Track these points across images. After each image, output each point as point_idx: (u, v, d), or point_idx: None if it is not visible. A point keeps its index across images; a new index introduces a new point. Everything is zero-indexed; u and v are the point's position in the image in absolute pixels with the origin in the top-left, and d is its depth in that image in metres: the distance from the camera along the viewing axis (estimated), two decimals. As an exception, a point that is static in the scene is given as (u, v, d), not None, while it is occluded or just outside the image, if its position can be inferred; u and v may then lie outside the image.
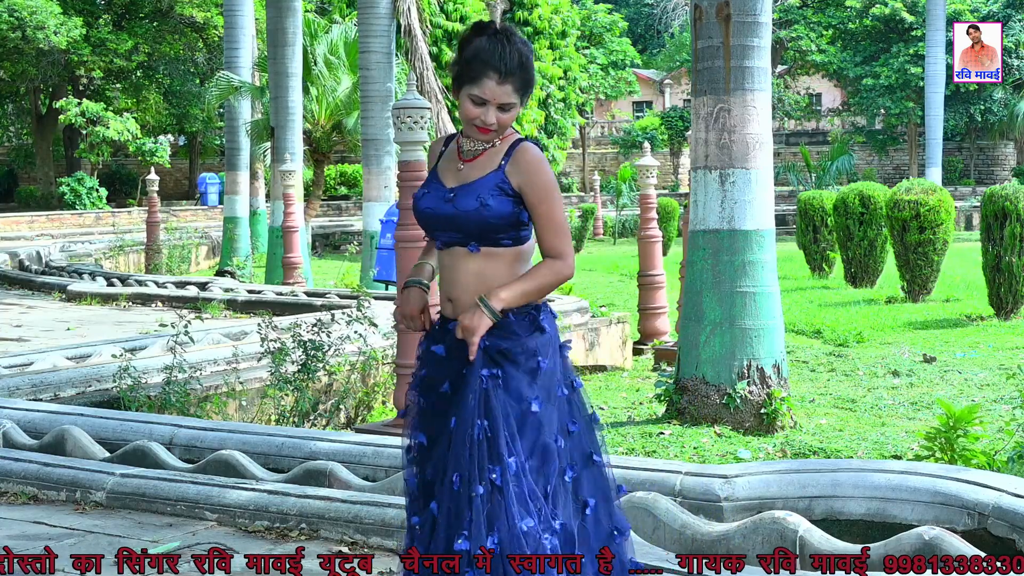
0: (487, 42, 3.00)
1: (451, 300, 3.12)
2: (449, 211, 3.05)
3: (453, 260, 3.10)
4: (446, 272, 3.13)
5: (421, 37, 18.56)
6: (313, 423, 7.77)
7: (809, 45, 42.97)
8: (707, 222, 7.48)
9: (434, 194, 3.10)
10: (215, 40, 35.31)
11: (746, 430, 7.30)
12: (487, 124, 3.02)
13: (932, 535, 3.76)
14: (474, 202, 3.01)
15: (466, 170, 3.08)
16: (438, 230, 3.10)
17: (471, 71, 3.00)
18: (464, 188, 3.05)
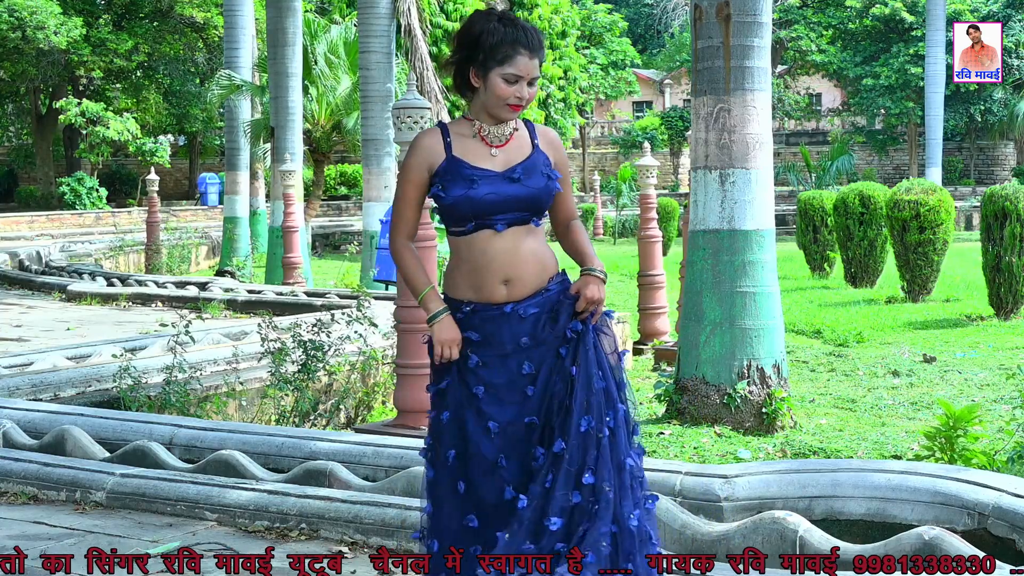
0: (504, 25, 3.15)
1: (507, 282, 3.16)
2: (519, 191, 3.15)
3: (513, 241, 3.16)
4: (502, 256, 3.16)
5: (421, 37, 18.56)
6: (313, 423, 7.77)
7: (809, 45, 42.97)
8: (707, 222, 7.48)
9: (487, 180, 3.15)
10: (215, 40, 35.30)
11: (746, 430, 7.30)
12: (522, 99, 3.16)
13: (932, 535, 3.76)
14: (542, 179, 3.19)
15: (502, 155, 3.19)
16: (499, 213, 3.15)
17: (499, 53, 3.13)
18: (524, 168, 3.18)
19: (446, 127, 3.23)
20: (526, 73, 3.14)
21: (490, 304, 3.15)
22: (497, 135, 3.19)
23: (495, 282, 3.15)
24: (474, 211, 3.13)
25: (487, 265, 3.15)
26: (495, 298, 3.15)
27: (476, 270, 3.16)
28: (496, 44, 3.12)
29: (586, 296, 3.16)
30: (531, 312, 3.15)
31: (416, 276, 3.24)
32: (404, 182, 3.23)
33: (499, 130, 3.20)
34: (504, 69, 3.13)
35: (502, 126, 3.20)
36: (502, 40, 3.13)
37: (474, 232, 3.15)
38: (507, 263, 3.15)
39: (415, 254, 3.27)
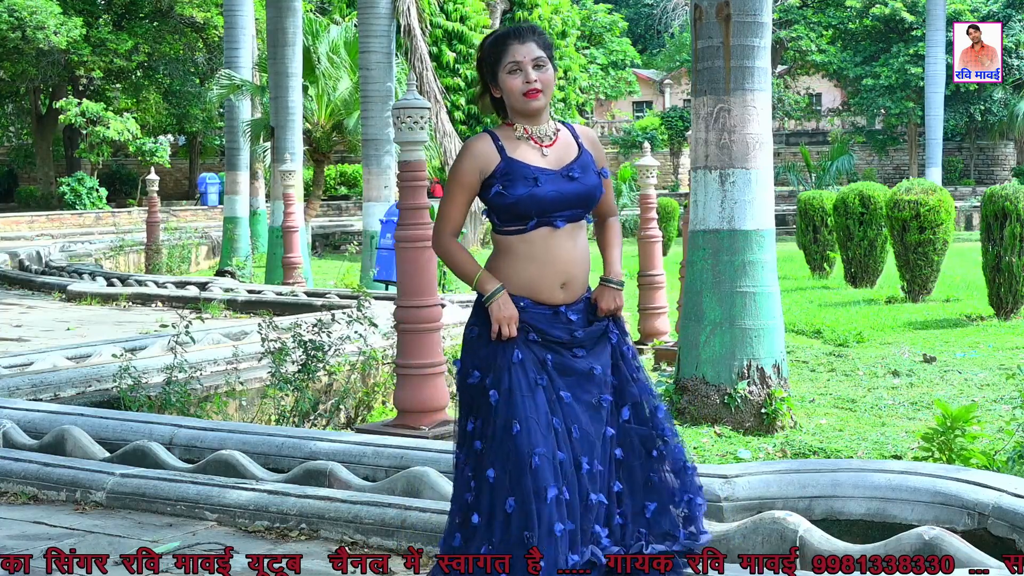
0: (495, 36, 3.33)
1: (564, 285, 3.29)
2: (578, 188, 3.28)
3: (571, 239, 3.29)
4: (563, 255, 3.27)
5: (421, 37, 18.56)
6: (313, 423, 7.77)
7: (809, 45, 42.95)
8: (707, 222, 7.48)
9: (548, 178, 3.25)
10: (215, 40, 35.29)
11: (746, 430, 7.30)
12: (530, 82, 3.24)
13: (932, 535, 3.76)
14: (595, 177, 3.33)
15: (553, 154, 3.31)
16: (559, 210, 3.26)
17: (494, 56, 3.28)
18: (578, 166, 3.30)
19: (494, 133, 3.32)
20: (522, 57, 3.24)
21: (544, 304, 3.27)
22: (543, 135, 3.31)
23: (555, 283, 3.28)
24: (539, 209, 3.23)
25: (548, 264, 3.26)
26: (553, 300, 3.28)
27: (534, 268, 3.26)
28: (491, 52, 3.30)
29: (601, 307, 3.35)
30: (575, 318, 3.31)
31: (467, 264, 3.35)
32: (454, 184, 3.32)
33: (544, 130, 3.31)
34: (504, 64, 3.26)
35: (544, 126, 3.31)
36: (493, 45, 3.31)
37: (534, 230, 3.26)
38: (567, 261, 3.27)
39: (462, 246, 3.40)
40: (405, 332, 6.72)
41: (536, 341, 3.25)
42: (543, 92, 3.26)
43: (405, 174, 6.77)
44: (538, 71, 3.25)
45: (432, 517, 4.36)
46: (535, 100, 3.25)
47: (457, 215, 3.36)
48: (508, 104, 3.31)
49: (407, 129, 6.81)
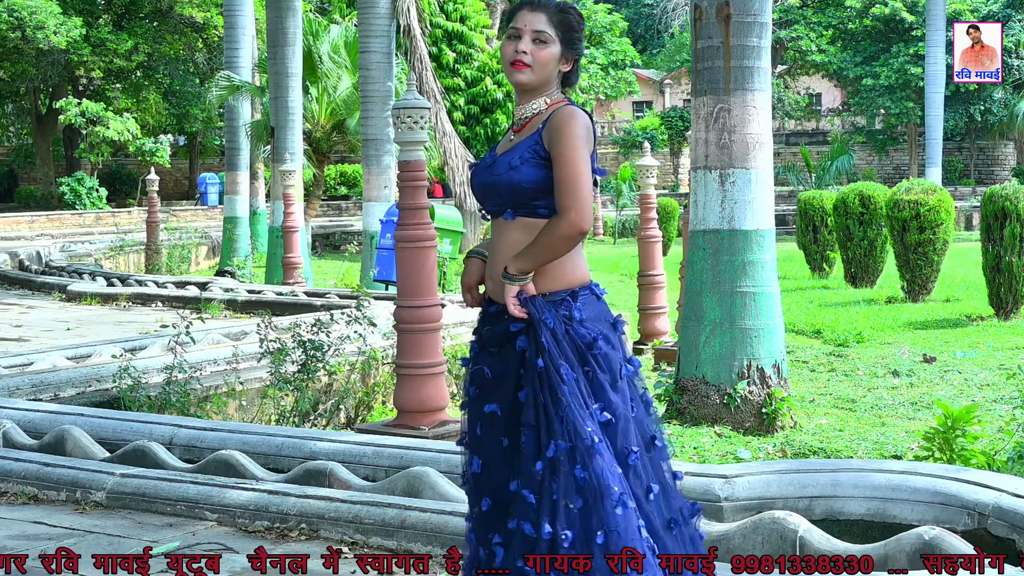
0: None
1: (491, 278, 3.13)
2: (488, 178, 3.07)
3: (496, 232, 3.11)
4: (496, 248, 3.10)
5: (420, 37, 18.57)
6: (313, 423, 7.77)
7: (809, 45, 42.96)
8: (707, 222, 7.48)
9: (484, 166, 3.12)
10: (215, 40, 35.29)
11: (746, 430, 7.30)
12: (519, 53, 3.01)
13: (932, 535, 3.76)
14: (505, 167, 3.03)
15: (516, 139, 3.08)
16: (485, 199, 3.12)
17: (506, 21, 3.11)
18: (504, 155, 3.06)
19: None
20: (524, 24, 3.02)
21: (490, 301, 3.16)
22: (519, 119, 3.11)
23: (494, 277, 3.10)
24: (478, 198, 3.14)
25: (492, 257, 3.12)
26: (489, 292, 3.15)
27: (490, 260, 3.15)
28: (507, 17, 3.13)
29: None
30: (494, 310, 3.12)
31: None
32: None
33: (520, 111, 3.10)
34: (507, 31, 3.08)
35: (523, 107, 3.09)
36: (509, 14, 3.11)
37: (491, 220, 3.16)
38: (492, 256, 3.11)
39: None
40: (405, 332, 6.72)
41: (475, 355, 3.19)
42: (531, 67, 3.01)
43: (405, 174, 6.77)
44: (535, 45, 3.01)
45: (432, 517, 4.36)
46: (519, 71, 3.01)
47: None
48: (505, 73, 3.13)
49: (407, 129, 6.81)
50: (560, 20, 3.04)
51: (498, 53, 28.12)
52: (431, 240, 6.70)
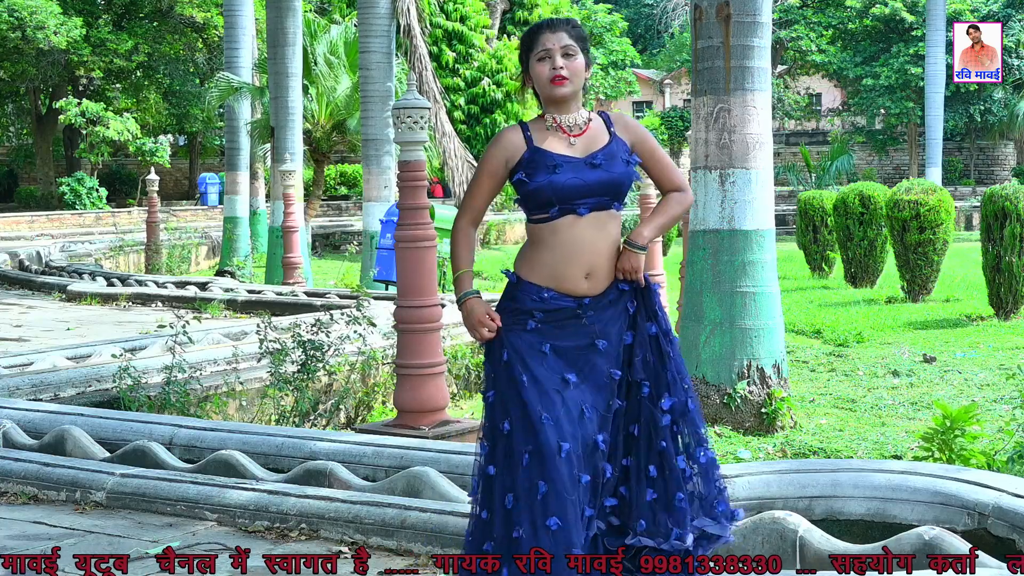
0: (532, 24, 3.43)
1: (589, 275, 3.28)
2: (601, 176, 3.27)
3: (595, 228, 3.27)
4: (586, 244, 3.26)
5: (420, 37, 18.56)
6: (313, 423, 7.77)
7: (809, 45, 42.95)
8: (707, 222, 7.48)
9: (570, 166, 3.27)
10: (215, 40, 35.28)
11: (746, 430, 7.30)
12: (557, 69, 3.29)
13: (932, 535, 3.76)
14: (622, 164, 3.31)
15: (581, 143, 3.32)
16: (581, 198, 3.25)
17: (527, 45, 3.35)
18: (604, 154, 3.30)
19: (526, 124, 3.37)
20: (551, 44, 3.30)
21: (568, 295, 3.27)
22: (572, 124, 3.33)
23: (579, 274, 3.26)
24: (557, 196, 3.24)
25: (572, 254, 3.26)
26: (576, 290, 3.27)
27: (559, 257, 3.27)
28: (525, 41, 3.38)
29: (616, 267, 3.31)
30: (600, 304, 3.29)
31: (461, 259, 3.40)
32: (481, 172, 3.37)
33: (573, 119, 3.33)
34: (535, 53, 3.33)
35: (574, 115, 3.34)
36: (527, 35, 3.39)
37: (558, 218, 3.26)
38: (591, 252, 3.26)
39: (470, 238, 3.42)
40: (405, 332, 6.72)
41: (535, 329, 3.25)
42: (570, 80, 3.29)
43: (405, 174, 6.77)
44: (566, 59, 3.30)
45: (432, 517, 4.36)
46: (560, 87, 3.29)
47: (479, 202, 3.41)
48: (539, 93, 3.36)
49: (407, 129, 6.81)
50: (577, 34, 3.35)
51: (498, 53, 28.27)
52: (431, 240, 6.70)
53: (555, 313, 3.26)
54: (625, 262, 3.29)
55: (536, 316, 3.26)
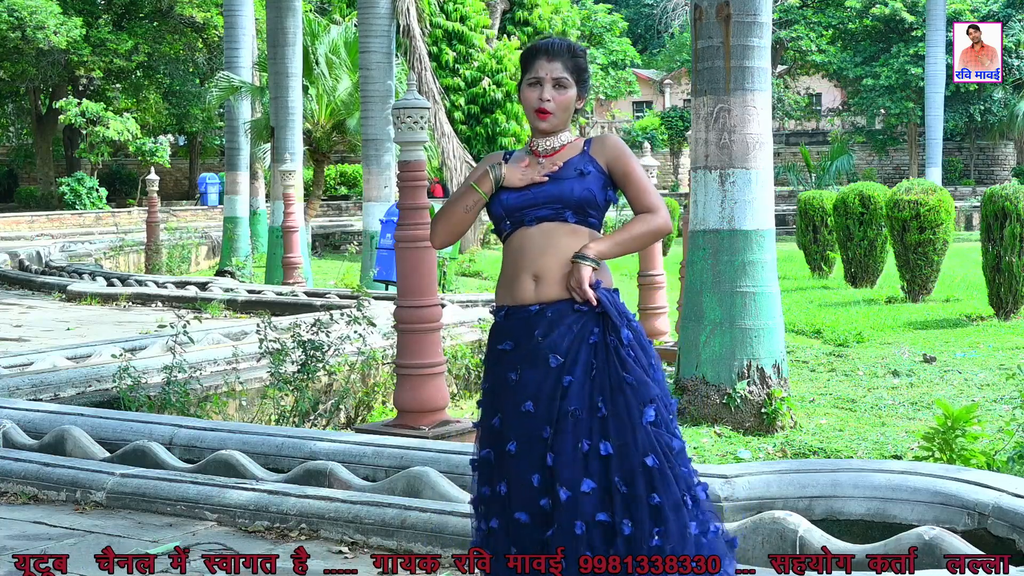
0: (532, 44, 3.33)
1: (536, 278, 3.20)
2: (550, 188, 3.22)
3: (544, 235, 3.21)
4: (532, 250, 3.21)
5: (420, 37, 18.57)
6: (313, 423, 7.77)
7: (809, 45, 42.95)
8: (707, 222, 7.48)
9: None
10: (215, 40, 35.28)
11: (746, 430, 7.30)
12: (543, 101, 3.23)
13: (932, 535, 3.76)
14: (573, 172, 3.23)
15: (555, 159, 3.27)
16: (527, 209, 3.22)
17: (523, 67, 3.29)
18: (564, 167, 3.24)
19: (510, 153, 3.37)
20: (544, 73, 3.24)
21: (521, 306, 3.20)
22: (546, 147, 3.29)
23: (526, 277, 3.20)
24: (505, 210, 3.24)
25: (519, 259, 3.22)
26: (526, 297, 3.20)
27: (511, 268, 3.25)
28: (522, 61, 3.31)
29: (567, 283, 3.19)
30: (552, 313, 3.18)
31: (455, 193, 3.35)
32: (462, 184, 3.34)
33: (548, 143, 3.29)
34: (527, 77, 3.27)
35: (551, 139, 3.29)
36: (525, 55, 3.31)
37: (512, 232, 3.25)
38: (536, 255, 3.20)
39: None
40: (405, 332, 6.72)
41: (508, 350, 3.20)
42: (555, 113, 3.24)
43: (405, 174, 6.77)
44: (557, 90, 3.24)
45: (432, 517, 4.36)
46: (543, 120, 3.25)
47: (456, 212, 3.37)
48: (526, 115, 3.34)
49: (407, 129, 6.81)
50: (574, 65, 3.27)
51: (498, 53, 28.25)
52: (430, 240, 6.69)
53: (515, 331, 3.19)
54: (569, 275, 3.17)
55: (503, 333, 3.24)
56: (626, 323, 3.16)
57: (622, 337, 3.13)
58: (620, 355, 3.11)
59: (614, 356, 3.11)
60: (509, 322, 3.22)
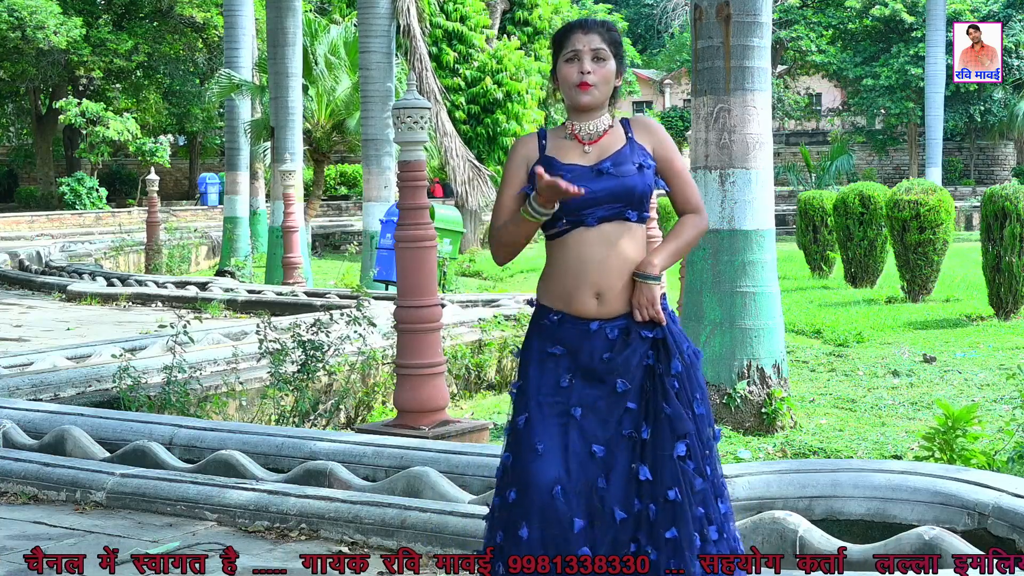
0: (565, 24, 3.21)
1: (599, 296, 3.06)
2: (608, 183, 3.05)
3: (607, 243, 3.05)
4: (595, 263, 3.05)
5: (420, 37, 18.56)
6: (313, 423, 7.77)
7: (809, 45, 42.95)
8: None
9: (575, 175, 3.04)
10: (215, 40, 35.29)
11: (746, 430, 7.30)
12: (584, 74, 3.08)
13: (932, 535, 3.76)
14: (633, 169, 3.08)
15: (595, 151, 3.11)
16: (587, 208, 3.04)
17: (557, 45, 3.15)
18: (612, 160, 3.07)
19: (544, 131, 3.18)
20: (582, 45, 3.09)
21: (579, 318, 3.07)
22: (589, 131, 3.13)
23: (587, 293, 3.06)
24: (563, 209, 3.03)
25: (581, 273, 3.05)
26: (585, 312, 3.06)
27: (569, 276, 3.07)
28: (556, 41, 3.17)
29: (632, 302, 3.08)
30: (615, 334, 3.07)
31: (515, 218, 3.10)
32: (504, 186, 3.16)
33: (591, 126, 3.13)
34: (564, 53, 3.12)
35: (593, 122, 3.13)
36: (559, 34, 3.17)
37: (568, 231, 3.07)
38: (599, 270, 3.05)
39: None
40: (405, 332, 6.72)
41: (558, 355, 3.07)
42: (596, 86, 3.08)
43: (405, 174, 6.77)
44: (596, 63, 3.09)
45: (432, 517, 4.36)
46: (585, 93, 3.08)
47: (508, 208, 3.14)
48: (564, 97, 3.15)
49: (407, 129, 6.81)
50: (611, 38, 3.14)
51: (498, 53, 28.23)
52: (431, 240, 6.70)
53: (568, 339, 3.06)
54: (639, 295, 3.05)
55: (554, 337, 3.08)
56: (678, 353, 3.07)
57: (671, 367, 3.05)
58: (664, 385, 3.04)
59: (659, 384, 3.04)
60: (562, 328, 3.08)
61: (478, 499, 4.59)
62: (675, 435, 3.00)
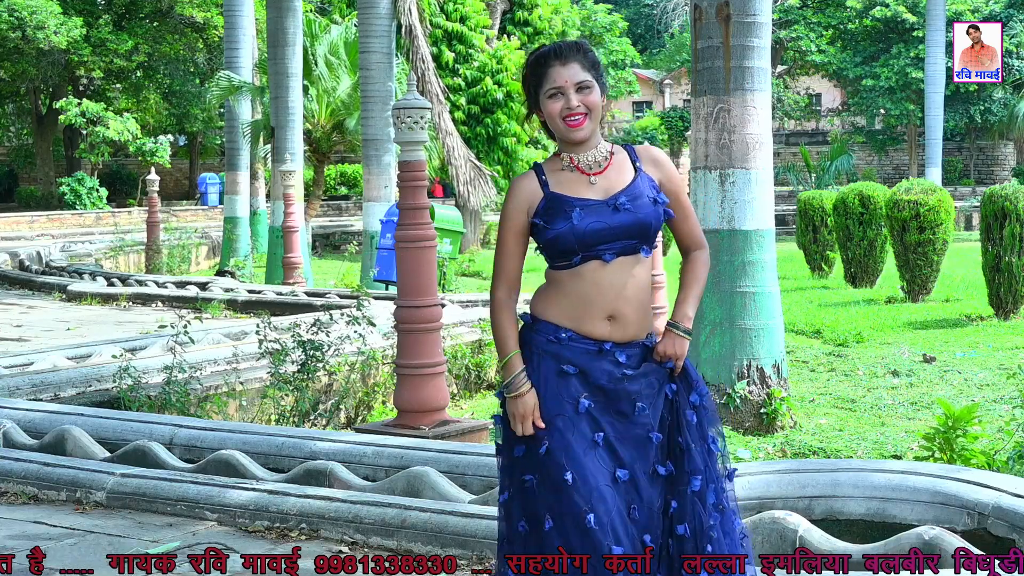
0: (536, 55, 3.09)
1: (611, 319, 3.02)
2: (625, 219, 3.01)
3: (621, 274, 3.02)
4: (610, 290, 3.01)
5: (422, 37, 18.56)
6: (313, 423, 7.78)
7: (809, 45, 42.93)
8: (707, 222, 7.48)
9: (590, 209, 3.00)
10: (215, 40, 35.29)
11: (746, 430, 7.30)
12: (572, 108, 3.00)
13: (932, 535, 3.76)
14: (649, 204, 3.04)
15: (602, 183, 3.04)
16: (604, 243, 2.99)
17: (536, 77, 3.05)
18: (627, 194, 3.03)
19: (540, 166, 3.09)
20: (564, 81, 3.00)
21: (588, 338, 3.02)
22: (591, 162, 3.05)
23: (599, 317, 3.01)
24: (580, 243, 2.98)
25: (595, 299, 3.01)
26: (596, 333, 3.02)
27: (581, 301, 3.02)
28: (533, 74, 3.07)
29: (657, 349, 3.10)
30: (625, 359, 3.04)
31: (507, 339, 3.05)
32: (504, 231, 3.07)
33: (590, 156, 3.05)
34: (544, 89, 3.03)
35: (594, 152, 3.05)
36: (535, 66, 3.07)
37: (581, 264, 3.01)
38: (614, 298, 3.02)
39: (513, 312, 3.08)
40: (405, 332, 6.73)
41: (572, 374, 3.00)
42: (588, 117, 3.02)
43: (405, 174, 6.77)
44: (581, 94, 3.00)
45: (432, 517, 4.37)
46: (579, 129, 3.01)
47: (512, 264, 3.07)
48: (554, 131, 3.06)
49: (407, 129, 6.81)
50: (590, 63, 3.05)
51: (498, 53, 28.25)
52: (431, 240, 6.71)
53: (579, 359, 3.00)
54: (670, 346, 3.09)
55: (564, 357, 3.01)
56: (695, 387, 3.11)
57: (690, 399, 3.09)
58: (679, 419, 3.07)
59: (677, 416, 3.07)
60: (572, 347, 3.01)
61: (478, 499, 4.60)
62: (689, 471, 3.02)
